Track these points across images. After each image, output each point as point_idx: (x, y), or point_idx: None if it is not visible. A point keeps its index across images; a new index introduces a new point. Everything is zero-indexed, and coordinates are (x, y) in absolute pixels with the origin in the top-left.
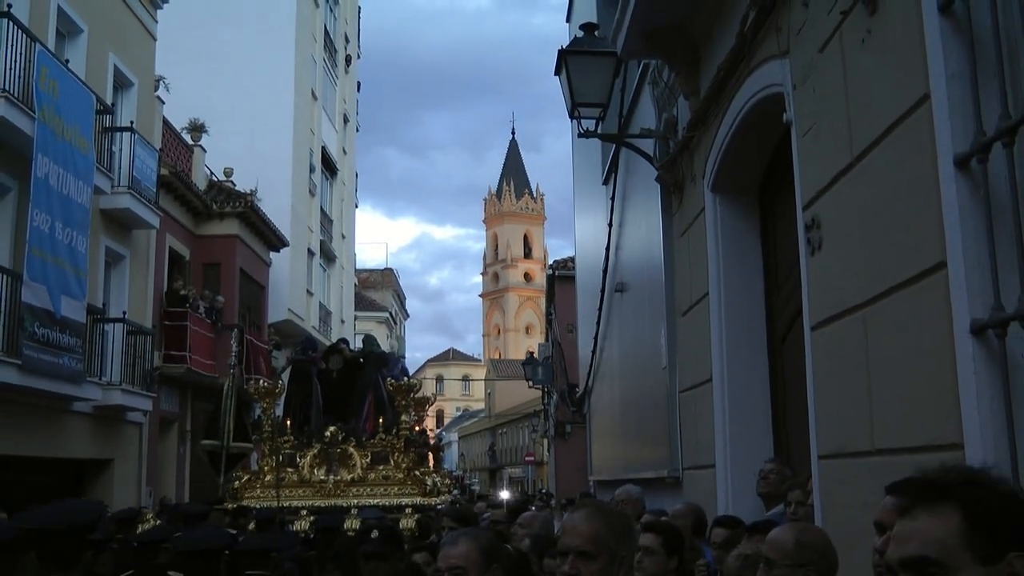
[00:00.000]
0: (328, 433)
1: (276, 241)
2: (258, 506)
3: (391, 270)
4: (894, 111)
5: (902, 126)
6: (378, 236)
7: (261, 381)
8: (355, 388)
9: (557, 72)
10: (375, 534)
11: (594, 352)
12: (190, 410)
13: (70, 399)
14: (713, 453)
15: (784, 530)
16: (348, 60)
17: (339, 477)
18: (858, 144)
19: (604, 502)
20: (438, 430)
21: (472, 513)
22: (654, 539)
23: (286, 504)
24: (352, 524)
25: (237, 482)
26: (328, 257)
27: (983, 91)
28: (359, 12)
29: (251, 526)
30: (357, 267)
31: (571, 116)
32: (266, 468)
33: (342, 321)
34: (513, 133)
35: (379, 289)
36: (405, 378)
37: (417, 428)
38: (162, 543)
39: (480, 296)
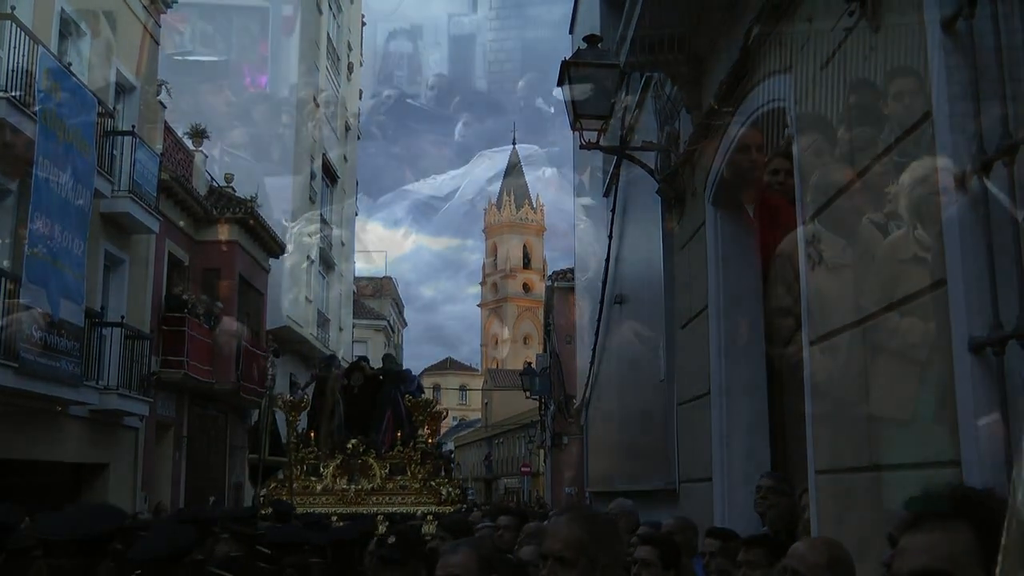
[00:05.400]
0: (350, 445)
1: (275, 247)
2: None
3: (390, 279)
4: (896, 128)
5: (903, 143)
6: (376, 245)
7: (288, 395)
8: (375, 403)
9: (560, 83)
10: (392, 539)
11: (592, 363)
12: (187, 415)
13: (67, 403)
14: (710, 466)
15: (809, 542)
16: (351, 68)
17: (360, 486)
18: (859, 160)
19: (590, 507)
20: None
21: (466, 524)
22: (651, 552)
23: (311, 510)
24: (381, 529)
25: (266, 489)
26: (327, 264)
27: (985, 110)
28: (362, 20)
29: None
30: (355, 275)
31: (573, 127)
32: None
33: (340, 328)
34: (514, 143)
35: (377, 297)
36: (421, 394)
37: (432, 441)
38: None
39: (479, 306)
